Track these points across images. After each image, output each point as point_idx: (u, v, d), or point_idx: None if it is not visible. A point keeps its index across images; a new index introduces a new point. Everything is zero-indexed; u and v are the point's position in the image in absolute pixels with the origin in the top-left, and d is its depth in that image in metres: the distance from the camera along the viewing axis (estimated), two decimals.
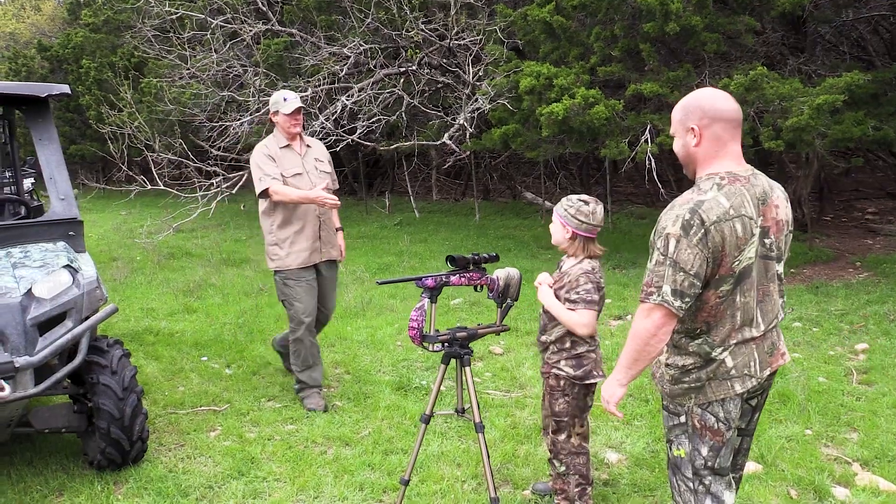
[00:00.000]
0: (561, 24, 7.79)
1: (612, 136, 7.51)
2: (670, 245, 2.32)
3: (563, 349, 3.17)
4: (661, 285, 2.33)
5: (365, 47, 9.59)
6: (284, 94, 4.67)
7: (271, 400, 4.85)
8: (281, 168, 4.54)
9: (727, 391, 2.45)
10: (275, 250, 4.65)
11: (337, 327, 6.35)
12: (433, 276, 3.06)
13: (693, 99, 2.45)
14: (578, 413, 3.22)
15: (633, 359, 2.44)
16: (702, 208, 2.32)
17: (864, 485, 3.55)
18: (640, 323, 2.39)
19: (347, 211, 13.80)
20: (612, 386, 2.54)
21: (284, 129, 4.63)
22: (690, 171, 2.53)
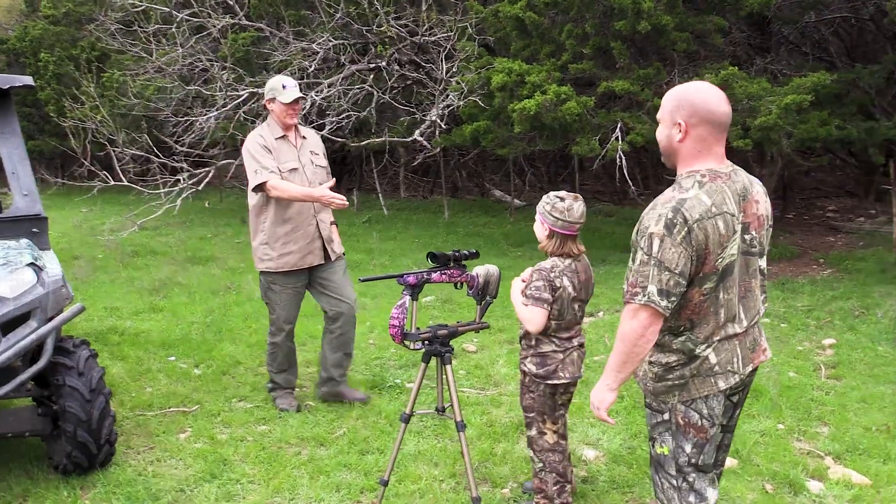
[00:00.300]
0: (533, 21, 7.79)
1: (583, 134, 7.53)
2: (654, 244, 2.31)
3: (529, 345, 3.17)
4: (646, 285, 2.31)
5: (334, 43, 9.49)
6: (283, 80, 4.35)
7: (242, 400, 4.75)
8: (276, 161, 4.26)
9: (711, 388, 2.45)
10: (265, 250, 4.39)
11: (307, 326, 6.26)
12: (414, 274, 3.01)
13: (687, 93, 2.42)
14: (547, 411, 3.19)
15: (622, 361, 2.42)
16: (684, 206, 2.31)
17: (838, 478, 3.60)
18: (627, 324, 2.37)
19: None
20: (601, 391, 2.51)
21: (280, 118, 4.33)
22: (670, 163, 2.52)
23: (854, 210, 12.58)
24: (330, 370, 4.62)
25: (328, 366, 4.62)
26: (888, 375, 4.92)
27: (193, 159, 9.42)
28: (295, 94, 4.29)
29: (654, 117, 7.61)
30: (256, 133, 4.38)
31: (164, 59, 9.40)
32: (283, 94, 4.27)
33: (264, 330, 6.09)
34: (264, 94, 4.43)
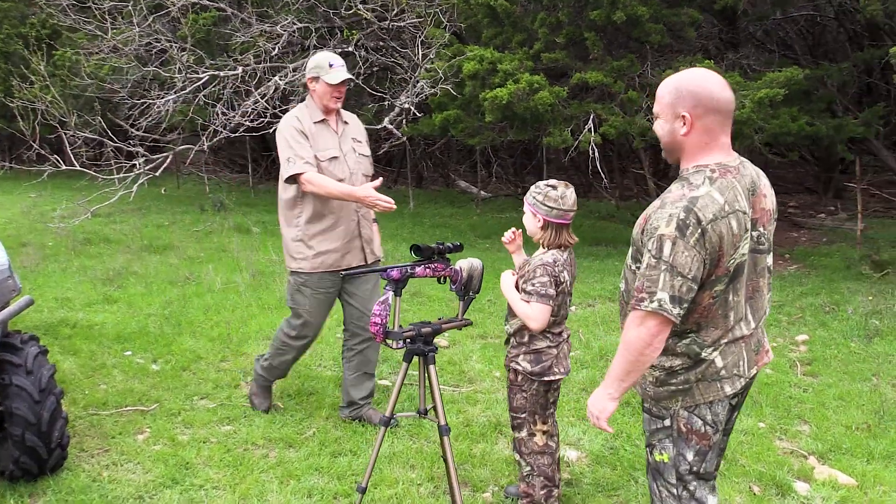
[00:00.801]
0: (505, 9, 7.62)
1: (555, 125, 7.40)
2: (665, 247, 2.14)
3: (521, 343, 3.01)
4: (654, 291, 2.15)
5: (299, 26, 9.18)
6: (330, 57, 3.85)
7: (204, 398, 4.50)
8: (315, 148, 3.77)
9: (716, 393, 2.32)
10: (299, 248, 3.87)
11: (272, 319, 6.01)
12: (398, 268, 2.82)
13: (686, 82, 2.26)
14: (539, 410, 3.05)
15: (627, 370, 2.25)
16: (697, 206, 2.15)
17: (824, 479, 3.53)
18: (634, 332, 2.21)
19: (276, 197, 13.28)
20: (601, 400, 2.34)
21: (322, 100, 3.83)
22: (673, 159, 2.37)
23: (814, 206, 12.75)
24: (350, 393, 4.12)
25: (348, 388, 4.13)
26: (863, 372, 4.90)
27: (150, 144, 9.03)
28: (343, 75, 3.80)
29: (626, 109, 7.53)
30: (292, 115, 3.87)
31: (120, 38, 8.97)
32: (330, 74, 3.77)
33: (225, 323, 5.86)
34: (306, 71, 3.91)
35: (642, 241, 2.27)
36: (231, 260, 8.05)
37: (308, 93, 3.92)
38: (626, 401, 4.39)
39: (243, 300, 6.51)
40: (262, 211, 11.66)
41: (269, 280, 7.20)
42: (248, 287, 6.89)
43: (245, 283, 7.01)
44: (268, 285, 7.02)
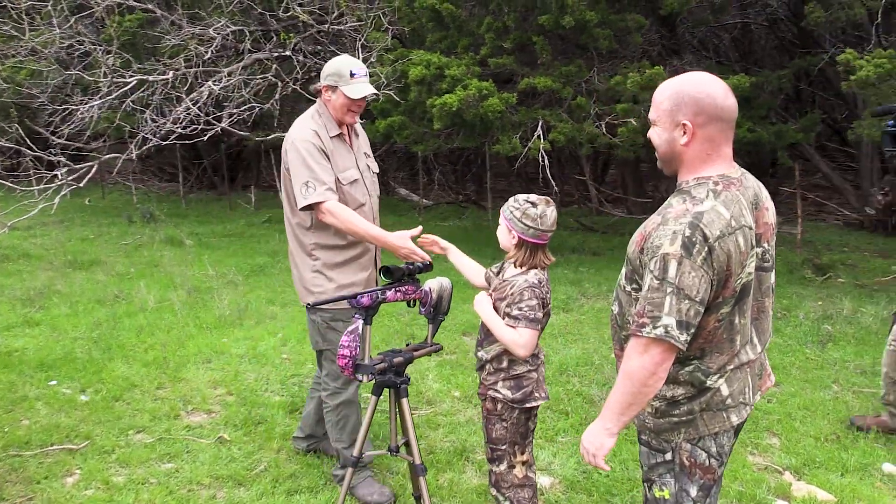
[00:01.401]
0: (450, 13, 7.43)
1: (503, 131, 7.24)
2: (670, 268, 1.95)
3: (500, 369, 2.77)
4: (658, 315, 1.96)
5: (233, 28, 8.77)
6: (352, 64, 3.25)
7: (141, 432, 4.11)
8: (336, 169, 3.23)
9: (722, 423, 2.14)
10: (317, 281, 3.31)
11: (211, 339, 5.63)
12: (368, 293, 2.56)
13: (687, 87, 2.07)
14: (519, 440, 2.83)
15: (628, 403, 2.05)
16: (702, 222, 1.97)
17: (803, 496, 3.43)
18: (636, 361, 2.01)
19: (209, 206, 12.80)
20: (599, 435, 2.13)
21: (338, 114, 3.28)
22: (670, 169, 2.18)
23: None
24: (313, 427, 3.73)
25: (310, 421, 3.73)
26: (822, 380, 4.88)
27: (72, 153, 8.45)
28: (366, 89, 3.23)
29: (574, 115, 7.43)
30: (309, 127, 3.26)
31: (39, 39, 8.36)
32: (351, 86, 3.20)
33: (161, 345, 5.44)
34: (321, 77, 3.34)
35: (640, 261, 2.08)
36: (164, 276, 7.58)
37: (319, 100, 3.35)
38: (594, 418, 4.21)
39: (179, 320, 6.08)
40: (194, 222, 11.13)
41: (207, 297, 6.78)
42: (185, 305, 6.46)
43: (181, 300, 6.57)
44: (205, 303, 6.60)
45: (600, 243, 9.46)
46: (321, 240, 3.29)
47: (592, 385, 4.71)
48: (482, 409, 2.88)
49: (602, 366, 5.00)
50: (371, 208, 3.39)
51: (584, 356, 5.24)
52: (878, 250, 8.80)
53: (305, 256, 3.34)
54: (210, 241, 9.66)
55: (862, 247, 8.99)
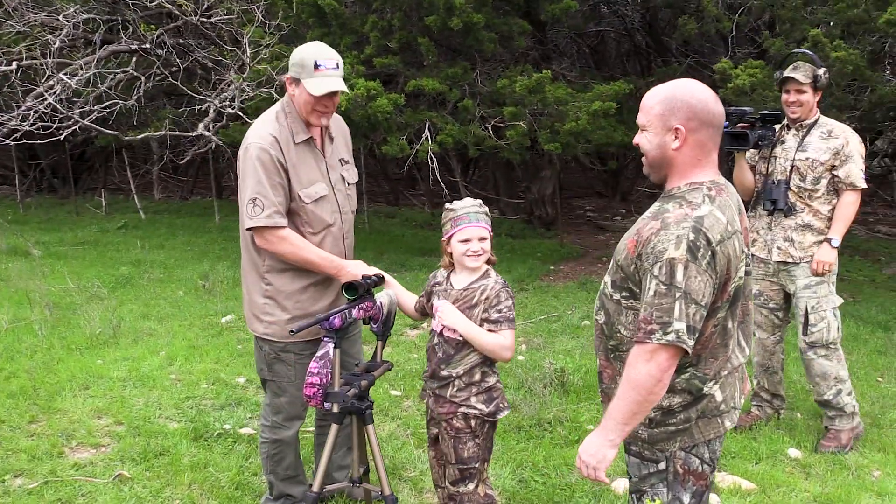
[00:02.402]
0: (333, 9, 7.16)
1: (391, 132, 7.08)
2: (677, 272, 1.92)
3: (471, 383, 2.66)
4: (668, 321, 1.93)
5: (84, 17, 7.97)
6: (318, 54, 2.75)
7: (20, 475, 3.58)
8: (297, 183, 2.78)
9: (717, 429, 2.14)
10: (268, 308, 2.89)
11: (84, 362, 5.06)
12: (337, 314, 2.33)
13: (679, 92, 2.07)
14: (487, 455, 2.75)
15: (633, 412, 2.00)
16: (704, 226, 1.97)
17: (729, 487, 3.57)
18: (642, 368, 1.96)
19: (52, 211, 11.62)
20: (601, 447, 2.06)
21: (303, 113, 2.82)
22: (659, 175, 2.16)
23: (606, 209, 13.69)
24: (332, 475, 3.18)
25: (331, 470, 3.13)
26: None
27: None
28: (332, 85, 2.73)
29: (461, 118, 7.41)
30: (268, 131, 2.79)
31: None
32: (314, 81, 2.71)
33: (25, 372, 4.80)
34: (288, 71, 2.86)
35: (637, 267, 2.03)
36: (14, 291, 6.73)
37: (287, 95, 2.89)
38: (517, 424, 4.19)
39: (42, 341, 5.42)
40: (37, 229, 10.05)
41: (70, 314, 6.10)
42: (46, 324, 5.75)
43: (41, 319, 5.85)
44: (70, 320, 5.93)
45: None
46: (274, 262, 2.88)
47: (509, 390, 4.67)
48: (445, 429, 2.72)
49: (513, 370, 4.98)
50: (340, 228, 2.96)
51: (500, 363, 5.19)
52: None
53: (258, 278, 2.94)
54: (60, 250, 8.74)
55: None
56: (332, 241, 2.91)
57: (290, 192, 2.81)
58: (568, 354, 5.32)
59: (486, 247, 2.63)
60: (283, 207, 2.79)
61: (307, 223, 2.85)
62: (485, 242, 2.63)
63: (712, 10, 6.76)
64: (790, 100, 3.93)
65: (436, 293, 2.76)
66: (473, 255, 2.61)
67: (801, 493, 3.54)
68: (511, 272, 7.82)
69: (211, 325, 5.96)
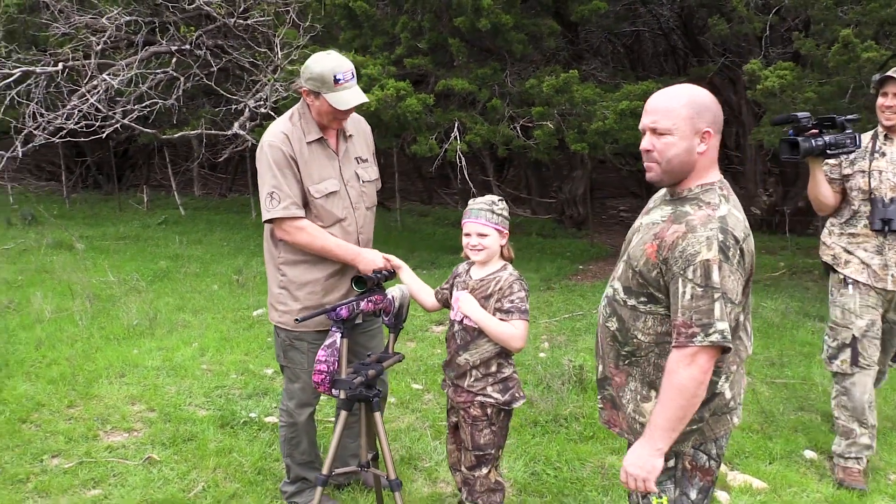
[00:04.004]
0: (364, 11, 7.30)
1: (421, 132, 7.20)
2: (713, 273, 1.96)
3: (488, 373, 2.78)
4: (710, 322, 1.97)
5: (127, 19, 8.24)
6: (336, 68, 2.85)
7: (57, 456, 3.78)
8: (307, 179, 2.94)
9: (726, 426, 2.20)
10: (282, 298, 3.07)
11: (121, 351, 5.28)
12: (345, 305, 2.45)
13: (698, 96, 2.12)
14: (502, 443, 2.88)
15: (679, 417, 2.03)
16: (729, 225, 2.02)
17: (740, 485, 3.60)
18: (686, 372, 1.99)
19: (97, 207, 12.00)
20: (649, 458, 2.08)
21: (324, 120, 2.97)
22: (674, 179, 2.14)
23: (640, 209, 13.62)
24: (348, 461, 3.33)
25: (346, 457, 3.35)
26: None
27: None
28: (356, 99, 2.89)
29: (490, 118, 7.49)
30: (280, 130, 2.96)
31: None
32: (336, 95, 2.85)
33: (66, 360, 5.03)
34: (301, 77, 2.97)
35: (662, 271, 2.06)
36: (58, 283, 7.02)
37: (302, 99, 3.03)
38: (533, 419, 4.27)
39: (83, 331, 5.66)
40: (82, 224, 10.41)
41: (110, 305, 6.34)
42: (87, 315, 6.00)
43: (82, 310, 6.10)
44: (109, 312, 6.17)
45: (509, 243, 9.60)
46: (289, 254, 3.05)
47: (528, 386, 4.74)
48: (463, 417, 2.85)
49: (534, 366, 5.06)
50: (354, 223, 3.07)
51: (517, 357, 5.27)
52: (764, 248, 9.41)
53: (274, 269, 3.12)
54: (103, 244, 9.05)
55: None
56: (344, 235, 3.04)
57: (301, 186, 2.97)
58: (589, 352, 5.37)
59: (485, 242, 2.73)
60: (298, 200, 2.94)
61: (317, 217, 3.00)
62: (485, 238, 2.74)
63: (742, 9, 6.72)
64: (886, 104, 3.47)
65: (457, 284, 2.88)
66: (473, 250, 2.75)
67: (813, 494, 3.55)
68: (539, 271, 7.88)
69: (242, 319, 6.15)
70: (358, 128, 3.22)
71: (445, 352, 2.88)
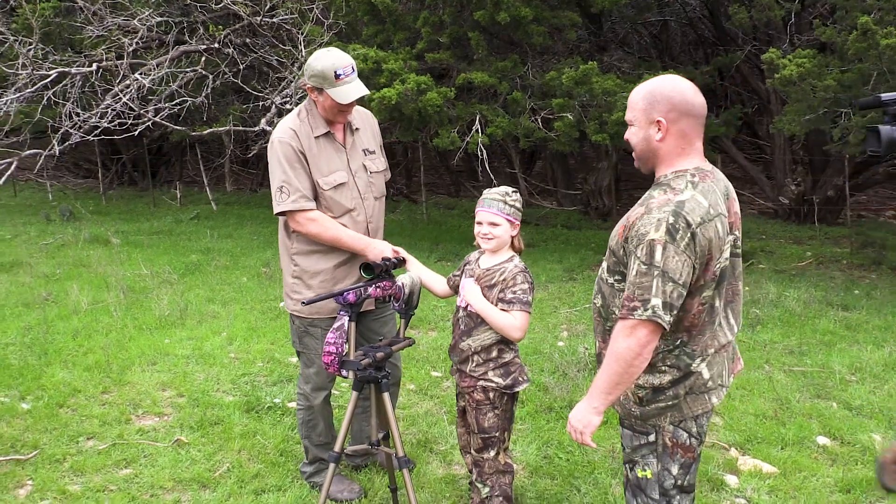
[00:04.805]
0: (386, 7, 7.42)
1: (442, 125, 7.30)
2: (656, 253, 2.08)
3: (489, 359, 2.88)
4: (647, 298, 2.09)
5: (158, 19, 8.49)
6: (337, 63, 2.99)
7: (92, 438, 3.98)
8: (315, 172, 3.06)
9: (704, 405, 2.28)
10: (296, 287, 3.22)
11: (153, 340, 5.48)
12: (353, 290, 2.58)
13: (659, 87, 2.23)
14: (507, 426, 2.96)
15: (615, 382, 2.17)
16: (684, 209, 2.11)
17: (749, 470, 3.66)
18: (623, 342, 2.13)
19: (132, 203, 12.35)
20: (586, 413, 2.24)
21: (330, 114, 3.10)
22: (647, 167, 2.32)
23: None
24: (364, 443, 3.44)
25: (363, 439, 3.50)
26: (755, 361, 5.17)
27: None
28: (356, 92, 3.01)
29: (511, 110, 7.57)
30: (287, 126, 3.09)
31: None
32: (338, 90, 2.98)
33: (101, 349, 5.26)
34: (305, 75, 3.12)
35: (625, 250, 2.20)
36: (94, 276, 7.29)
37: (308, 96, 3.16)
38: (548, 405, 4.36)
39: (117, 321, 5.89)
40: (117, 219, 10.73)
41: (143, 297, 6.58)
42: (121, 306, 6.24)
43: (116, 301, 6.35)
44: (142, 303, 6.41)
45: (534, 235, 9.66)
46: (301, 245, 3.19)
47: (543, 373, 4.84)
48: (468, 402, 2.96)
49: (551, 354, 5.14)
50: (363, 212, 3.20)
51: (532, 346, 5.37)
52: (792, 238, 9.34)
53: (287, 260, 3.28)
54: (138, 238, 9.34)
55: (778, 235, 9.52)
56: (353, 224, 3.16)
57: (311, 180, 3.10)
58: None
59: (496, 232, 2.82)
60: (308, 192, 3.07)
61: (327, 208, 3.14)
62: (496, 228, 2.83)
63: None
64: None
65: (466, 272, 2.99)
66: (483, 238, 2.84)
67: (823, 478, 3.59)
68: (563, 262, 7.95)
69: (270, 310, 6.32)
70: (365, 121, 3.35)
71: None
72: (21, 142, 8.69)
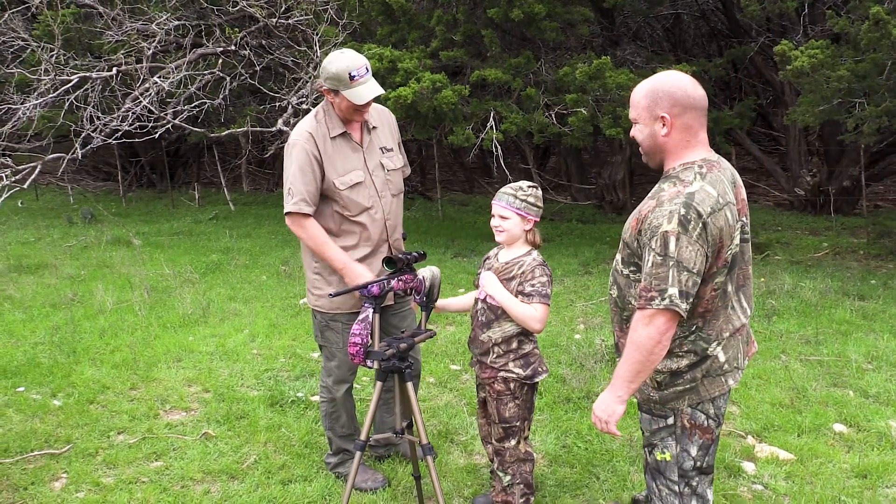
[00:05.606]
0: (400, 6, 7.51)
1: (457, 123, 7.38)
2: (670, 244, 2.16)
3: (509, 350, 2.96)
4: (664, 288, 2.16)
5: (175, 23, 8.62)
6: (351, 65, 3.05)
7: (122, 433, 4.10)
8: (332, 172, 3.13)
9: (721, 387, 2.35)
10: (317, 283, 3.31)
11: (177, 338, 5.60)
12: (377, 283, 2.66)
13: (661, 84, 2.30)
14: (528, 415, 3.04)
15: (636, 371, 2.25)
16: (695, 201, 2.19)
17: (766, 457, 3.71)
18: (643, 331, 2.20)
19: (151, 205, 12.52)
20: (610, 402, 2.32)
21: (346, 115, 3.17)
22: (655, 161, 2.40)
23: None
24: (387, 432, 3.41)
25: (386, 430, 3.56)
26: (771, 351, 5.21)
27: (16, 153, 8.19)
28: (372, 91, 3.08)
29: (525, 106, 7.63)
30: (304, 129, 3.16)
31: None
32: (353, 91, 3.05)
33: (127, 346, 5.39)
34: (321, 77, 3.18)
35: (640, 242, 2.27)
36: (118, 276, 7.44)
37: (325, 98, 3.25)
38: (566, 396, 4.43)
39: (142, 320, 6.02)
40: (138, 221, 10.90)
41: (166, 296, 6.71)
42: (145, 305, 6.38)
43: (140, 301, 6.48)
44: (166, 302, 6.54)
45: (549, 230, 9.71)
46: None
47: (561, 365, 4.91)
48: (489, 392, 3.03)
49: (568, 346, 5.21)
50: (381, 210, 3.28)
51: (550, 338, 5.44)
52: (808, 228, 9.34)
53: (309, 257, 3.37)
54: (158, 239, 9.49)
55: (794, 226, 9.52)
56: (371, 222, 3.25)
57: (326, 180, 3.17)
58: None
59: (506, 225, 2.91)
60: (310, 197, 3.14)
61: (344, 207, 3.22)
62: (506, 221, 2.91)
63: None
64: None
65: (485, 266, 3.07)
66: (495, 230, 2.92)
67: (839, 465, 3.63)
68: (578, 256, 8.00)
69: (290, 307, 6.43)
70: (382, 118, 3.40)
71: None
72: (44, 146, 8.85)
